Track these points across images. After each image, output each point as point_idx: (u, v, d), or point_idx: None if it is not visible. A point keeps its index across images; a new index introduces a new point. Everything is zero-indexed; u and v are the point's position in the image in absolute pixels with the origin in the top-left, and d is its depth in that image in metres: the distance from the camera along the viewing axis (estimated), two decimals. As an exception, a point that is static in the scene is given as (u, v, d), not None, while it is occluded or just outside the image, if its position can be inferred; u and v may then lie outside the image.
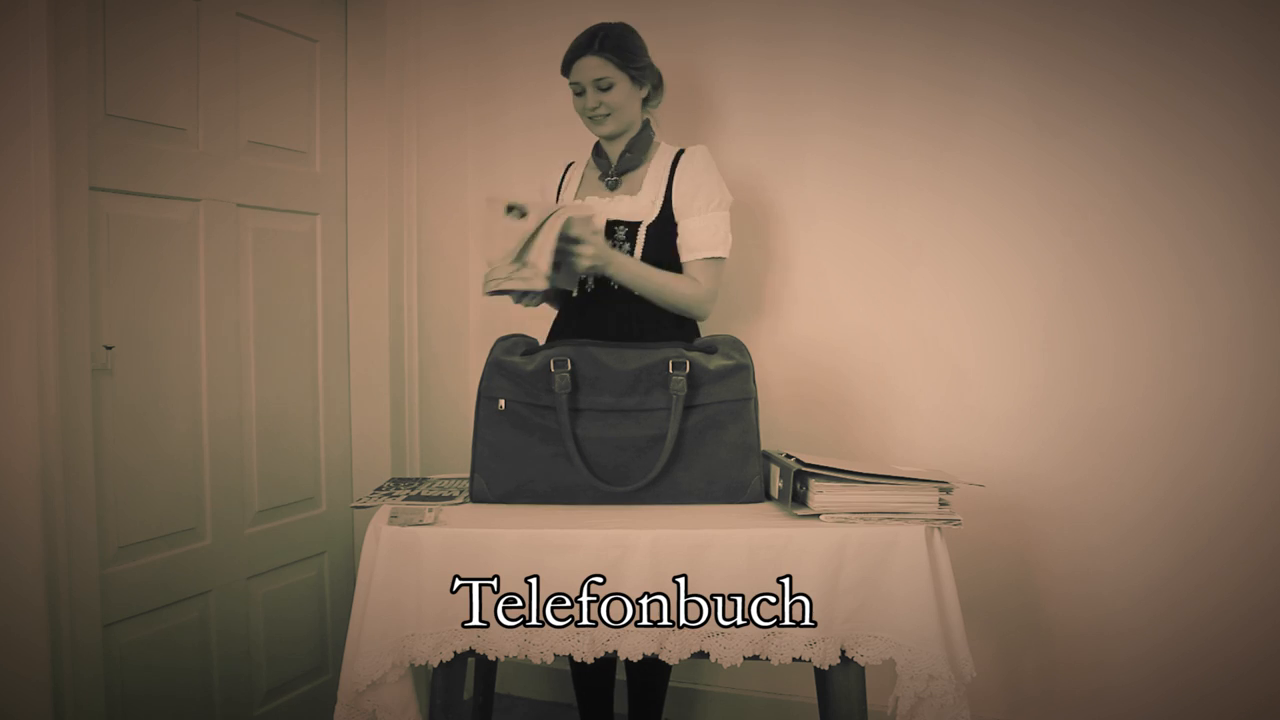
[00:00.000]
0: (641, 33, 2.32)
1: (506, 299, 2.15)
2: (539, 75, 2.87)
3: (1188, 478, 2.39)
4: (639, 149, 2.33)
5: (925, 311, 2.58)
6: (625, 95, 2.27)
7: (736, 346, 1.99)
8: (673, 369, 1.92)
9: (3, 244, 1.86)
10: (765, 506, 1.92)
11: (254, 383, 2.44)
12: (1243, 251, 2.34)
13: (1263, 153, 2.31)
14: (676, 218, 2.26)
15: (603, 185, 2.34)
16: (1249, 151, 2.31)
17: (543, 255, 1.99)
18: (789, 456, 1.89)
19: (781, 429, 2.60)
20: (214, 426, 2.33)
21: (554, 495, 1.92)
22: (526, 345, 1.99)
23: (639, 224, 2.26)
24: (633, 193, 2.30)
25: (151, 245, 2.18)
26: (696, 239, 2.25)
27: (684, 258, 2.26)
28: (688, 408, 1.93)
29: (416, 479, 2.16)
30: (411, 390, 2.79)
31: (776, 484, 1.91)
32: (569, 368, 1.92)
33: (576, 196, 2.35)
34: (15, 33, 1.84)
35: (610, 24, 2.28)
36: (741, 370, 1.95)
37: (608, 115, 2.27)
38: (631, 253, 2.25)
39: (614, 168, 2.33)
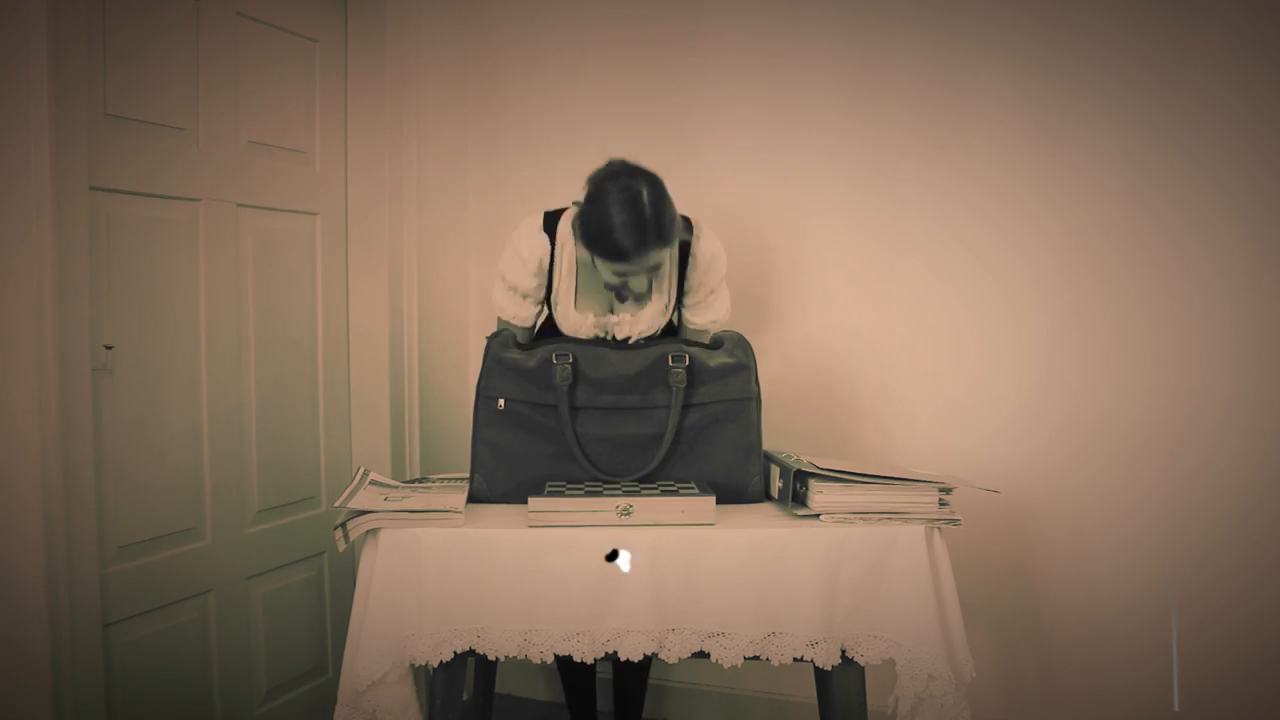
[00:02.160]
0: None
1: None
2: (538, 72, 2.86)
3: (1190, 482, 2.37)
4: None
5: (926, 312, 2.57)
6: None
7: (741, 345, 1.98)
8: (672, 362, 1.92)
9: (3, 244, 1.86)
10: (765, 506, 1.92)
11: (254, 382, 2.44)
12: (1244, 251, 2.33)
13: (1263, 152, 2.30)
14: (692, 288, 2.15)
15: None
16: (1249, 151, 2.31)
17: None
18: (790, 457, 1.89)
19: (783, 430, 2.59)
20: (214, 426, 2.33)
21: (554, 495, 1.92)
22: (518, 340, 1.99)
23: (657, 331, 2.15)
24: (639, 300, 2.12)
25: (151, 245, 2.18)
26: (718, 312, 2.18)
27: (701, 322, 2.17)
28: (688, 406, 1.92)
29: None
30: (411, 390, 2.79)
31: (776, 484, 1.92)
32: (571, 360, 1.91)
33: (576, 309, 2.11)
34: (14, 31, 1.84)
35: (645, 191, 1.90)
36: (742, 370, 1.95)
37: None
38: None
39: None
